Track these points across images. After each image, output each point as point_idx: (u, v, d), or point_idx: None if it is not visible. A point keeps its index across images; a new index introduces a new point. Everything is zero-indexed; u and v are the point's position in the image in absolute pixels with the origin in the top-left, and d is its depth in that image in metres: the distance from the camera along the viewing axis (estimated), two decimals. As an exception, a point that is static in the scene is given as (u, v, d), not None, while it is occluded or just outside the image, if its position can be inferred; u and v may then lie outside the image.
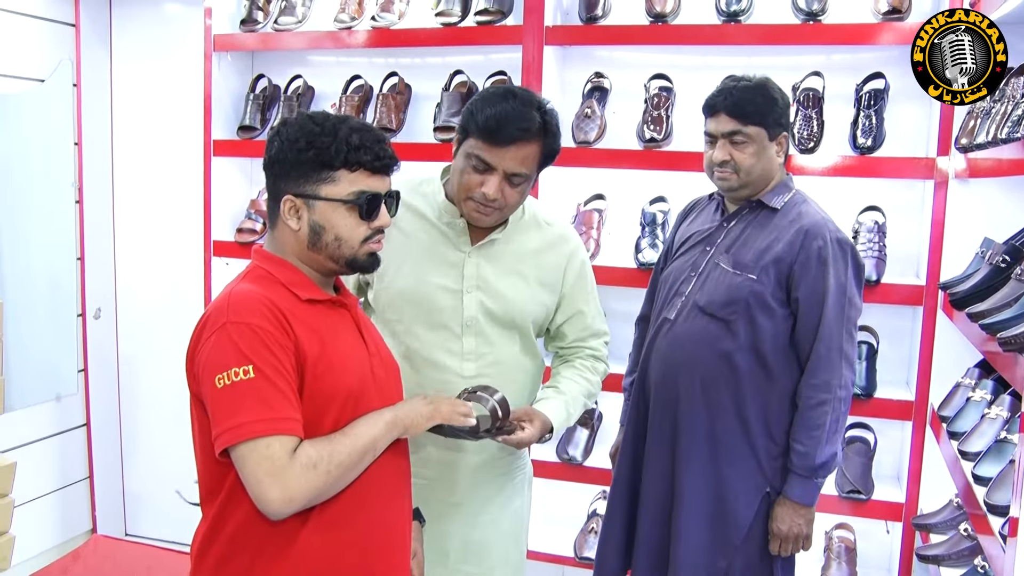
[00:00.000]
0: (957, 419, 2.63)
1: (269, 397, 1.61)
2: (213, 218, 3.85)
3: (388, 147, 1.77)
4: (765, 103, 2.38)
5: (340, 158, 1.71)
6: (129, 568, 3.46)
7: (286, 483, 1.59)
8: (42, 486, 4.01)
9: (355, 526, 1.75)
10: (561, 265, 2.30)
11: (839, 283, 2.34)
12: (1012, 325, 2.08)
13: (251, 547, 1.70)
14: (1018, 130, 2.16)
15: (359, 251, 1.77)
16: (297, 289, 1.75)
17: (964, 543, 2.55)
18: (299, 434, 1.63)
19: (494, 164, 2.06)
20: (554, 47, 3.45)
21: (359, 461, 1.71)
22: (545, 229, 2.30)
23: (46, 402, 4.01)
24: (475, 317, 2.20)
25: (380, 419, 1.76)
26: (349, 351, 1.78)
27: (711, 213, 2.58)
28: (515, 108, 2.05)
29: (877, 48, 3.25)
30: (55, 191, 3.99)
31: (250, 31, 3.78)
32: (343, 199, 1.73)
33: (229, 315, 1.66)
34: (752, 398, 2.40)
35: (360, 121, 1.79)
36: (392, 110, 3.63)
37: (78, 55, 3.99)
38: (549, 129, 2.10)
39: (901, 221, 3.29)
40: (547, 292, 2.28)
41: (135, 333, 4.28)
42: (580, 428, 3.54)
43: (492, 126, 2.04)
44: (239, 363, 1.61)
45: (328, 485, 1.66)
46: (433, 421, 1.84)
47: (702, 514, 2.44)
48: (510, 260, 2.23)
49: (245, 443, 1.59)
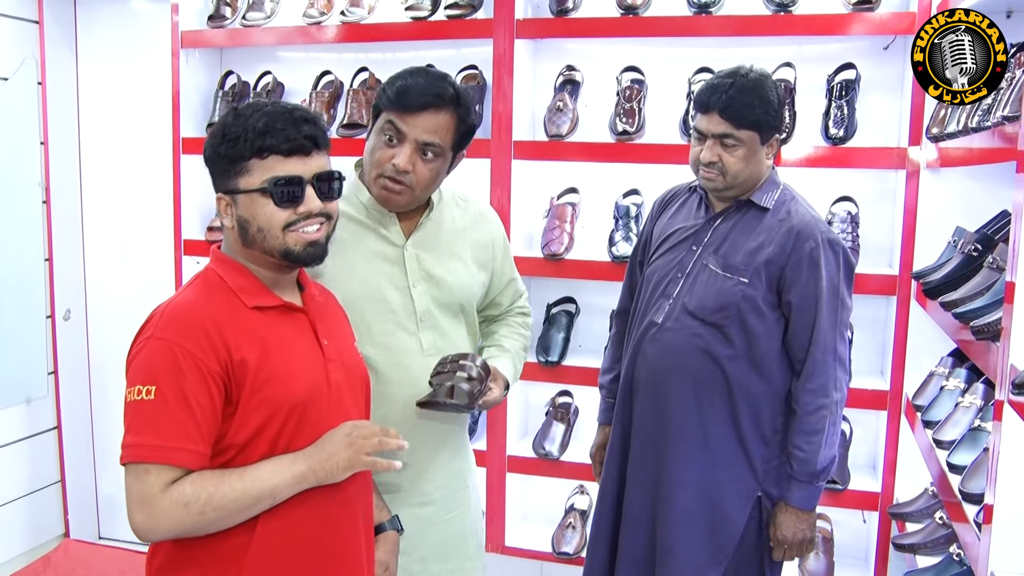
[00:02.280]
0: (931, 408, 2.64)
1: (162, 423, 1.58)
2: (183, 216, 3.81)
3: (305, 126, 1.68)
4: (761, 106, 2.29)
5: (248, 146, 1.66)
6: (102, 572, 3.43)
7: (152, 512, 1.57)
8: (13, 490, 3.95)
9: (302, 544, 1.71)
10: (488, 243, 2.31)
11: (831, 285, 2.32)
12: (984, 313, 2.09)
13: (194, 559, 1.67)
14: (988, 119, 2.17)
15: (287, 240, 1.69)
16: (244, 295, 1.71)
17: (939, 531, 2.56)
18: (187, 465, 1.59)
19: (405, 132, 2.04)
20: (525, 40, 3.44)
21: (250, 506, 1.63)
22: (463, 206, 2.31)
23: (16, 405, 3.95)
24: (428, 310, 2.17)
25: (289, 470, 1.66)
26: (297, 359, 1.72)
27: (694, 208, 2.51)
28: (426, 79, 2.06)
29: (848, 39, 3.25)
30: (21, 191, 3.93)
31: (218, 27, 3.74)
32: (257, 188, 1.67)
33: (155, 329, 1.64)
34: (744, 401, 2.36)
35: (279, 104, 1.72)
36: (363, 105, 3.59)
37: (42, 53, 3.93)
38: (461, 101, 2.08)
39: (874, 211, 3.30)
40: (482, 271, 2.30)
41: (106, 334, 4.23)
42: (556, 423, 3.53)
43: (403, 92, 2.04)
44: (144, 382, 1.59)
45: (202, 525, 1.60)
46: (353, 470, 1.72)
47: (695, 523, 2.40)
48: (444, 244, 2.22)
49: (128, 464, 1.59)
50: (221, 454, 1.65)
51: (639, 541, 2.48)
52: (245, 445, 1.66)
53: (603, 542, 2.58)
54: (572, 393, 3.64)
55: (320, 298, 1.86)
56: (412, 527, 2.17)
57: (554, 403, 3.62)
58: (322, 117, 1.73)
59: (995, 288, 2.18)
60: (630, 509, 2.50)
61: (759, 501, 2.42)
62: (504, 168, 3.38)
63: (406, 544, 2.14)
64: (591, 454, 2.78)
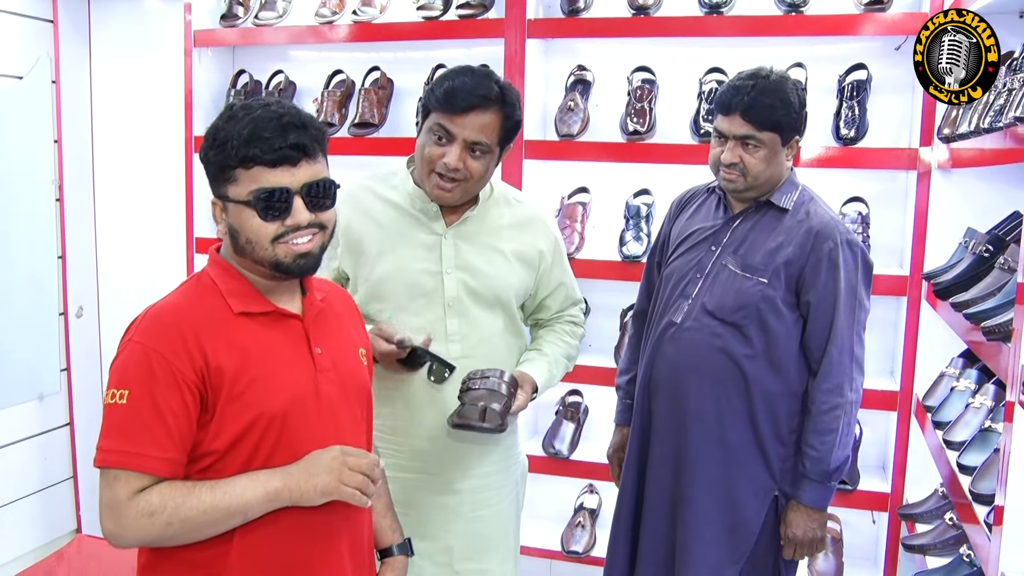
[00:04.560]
0: (942, 409, 2.64)
1: (132, 429, 1.55)
2: (195, 214, 3.83)
3: (293, 134, 1.58)
4: (783, 107, 2.29)
5: (233, 155, 1.58)
6: (114, 568, 3.44)
7: (118, 520, 1.55)
8: (25, 486, 3.97)
9: (278, 563, 1.67)
10: (537, 244, 2.33)
11: (850, 285, 2.32)
12: (996, 314, 2.09)
13: (175, 562, 1.64)
14: (1000, 120, 2.17)
15: (276, 252, 1.62)
16: (233, 300, 1.66)
17: (949, 532, 2.56)
18: (155, 472, 1.55)
19: (455, 132, 2.10)
20: (536, 40, 3.44)
21: (220, 520, 1.58)
22: (515, 206, 2.34)
23: (28, 402, 3.97)
24: (457, 297, 2.22)
25: (263, 486, 1.59)
26: (281, 368, 1.66)
27: (712, 209, 2.50)
28: (472, 78, 2.11)
29: (859, 39, 3.25)
30: (35, 189, 3.95)
31: (230, 26, 3.76)
32: (243, 200, 1.59)
33: (135, 332, 1.63)
34: (762, 401, 2.36)
35: (272, 107, 1.61)
36: (374, 105, 3.61)
37: (56, 51, 3.95)
38: (507, 99, 2.14)
39: (884, 212, 3.29)
40: (526, 268, 2.31)
41: (117, 331, 4.13)
42: (566, 422, 3.54)
43: (450, 94, 2.09)
44: (118, 386, 1.58)
45: (168, 536, 1.56)
46: (329, 497, 1.63)
47: (713, 522, 2.39)
48: (485, 237, 2.26)
49: (102, 469, 1.57)
50: (198, 460, 1.61)
51: (659, 541, 2.48)
52: (224, 453, 1.61)
53: (623, 543, 2.58)
54: (582, 392, 3.64)
55: (322, 303, 1.78)
56: (436, 514, 2.25)
57: (564, 402, 3.63)
58: (316, 120, 1.66)
59: (1006, 289, 2.18)
60: (650, 509, 2.50)
61: (776, 501, 2.42)
62: (515, 167, 3.39)
63: (430, 530, 2.23)
64: (608, 456, 2.76)
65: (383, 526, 1.96)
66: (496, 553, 2.37)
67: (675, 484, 2.45)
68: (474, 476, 2.30)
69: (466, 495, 2.29)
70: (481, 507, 2.32)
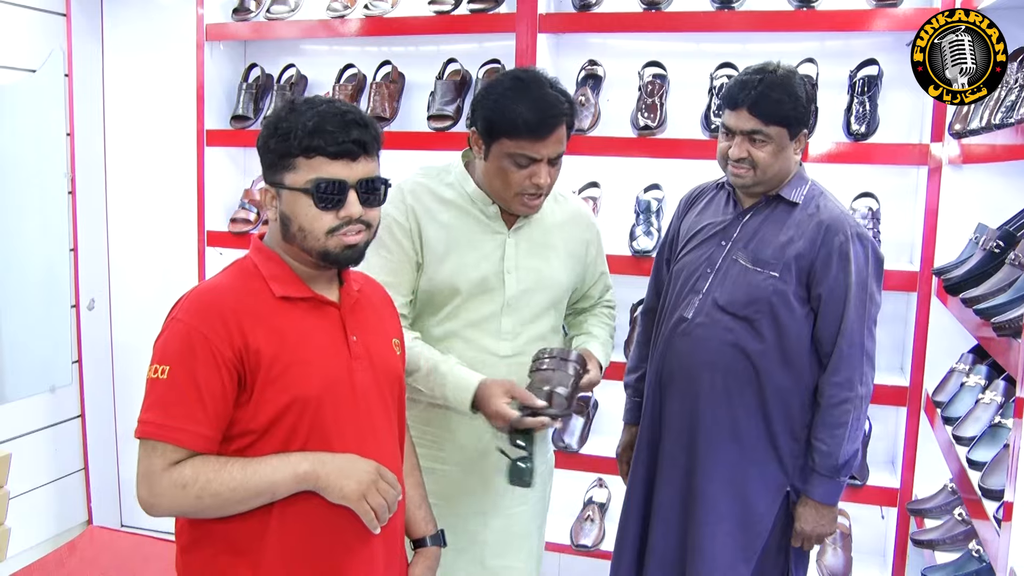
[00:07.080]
0: (951, 404, 2.64)
1: (171, 403, 1.62)
2: (207, 208, 3.85)
3: (356, 130, 1.67)
4: (790, 102, 2.28)
5: (296, 144, 1.66)
6: (125, 559, 3.46)
7: (152, 490, 1.62)
8: (37, 478, 4.00)
9: (318, 542, 1.72)
10: (584, 238, 2.40)
11: (860, 279, 2.31)
12: (1006, 310, 2.09)
13: (214, 540, 1.70)
14: (1011, 116, 2.17)
15: (327, 243, 1.69)
16: (275, 285, 1.72)
17: (959, 528, 2.56)
18: (190, 446, 1.62)
19: (539, 157, 2.11)
20: (547, 35, 3.44)
21: (248, 498, 1.64)
22: (561, 202, 2.40)
23: (40, 394, 3.99)
24: (516, 295, 2.25)
25: (293, 467, 1.66)
26: (317, 353, 1.72)
27: (722, 204, 2.50)
28: (542, 97, 2.09)
29: (870, 34, 3.24)
30: (48, 182, 3.96)
31: (242, 20, 3.77)
32: (301, 188, 1.67)
33: (179, 311, 1.68)
34: (774, 396, 2.36)
35: (336, 104, 1.71)
36: (386, 99, 3.62)
37: (69, 45, 3.97)
38: (573, 104, 2.17)
39: (895, 207, 3.29)
40: (576, 263, 2.38)
41: (129, 323, 4.27)
42: (575, 416, 3.54)
43: (533, 124, 2.07)
44: (161, 361, 1.64)
45: (199, 508, 1.63)
46: (347, 503, 1.68)
47: (725, 519, 2.39)
48: (541, 236, 2.31)
49: (141, 440, 1.63)
50: (237, 439, 1.67)
51: (669, 539, 2.48)
52: (261, 433, 1.67)
53: (631, 541, 2.58)
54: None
55: (358, 293, 1.84)
56: (472, 507, 2.29)
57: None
58: (376, 122, 1.71)
59: (1017, 284, 2.17)
60: (660, 506, 2.50)
61: (787, 496, 2.42)
62: (525, 162, 3.38)
63: (464, 524, 2.27)
64: (617, 454, 2.77)
65: (417, 517, 2.01)
66: (522, 551, 2.39)
67: (687, 480, 2.44)
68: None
69: (504, 491, 2.29)
70: (518, 503, 2.35)
